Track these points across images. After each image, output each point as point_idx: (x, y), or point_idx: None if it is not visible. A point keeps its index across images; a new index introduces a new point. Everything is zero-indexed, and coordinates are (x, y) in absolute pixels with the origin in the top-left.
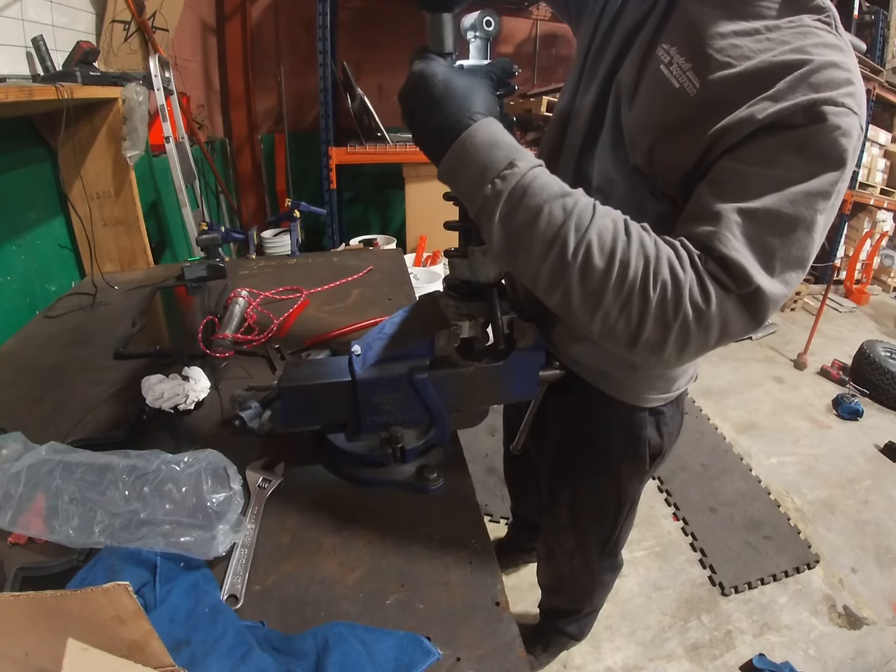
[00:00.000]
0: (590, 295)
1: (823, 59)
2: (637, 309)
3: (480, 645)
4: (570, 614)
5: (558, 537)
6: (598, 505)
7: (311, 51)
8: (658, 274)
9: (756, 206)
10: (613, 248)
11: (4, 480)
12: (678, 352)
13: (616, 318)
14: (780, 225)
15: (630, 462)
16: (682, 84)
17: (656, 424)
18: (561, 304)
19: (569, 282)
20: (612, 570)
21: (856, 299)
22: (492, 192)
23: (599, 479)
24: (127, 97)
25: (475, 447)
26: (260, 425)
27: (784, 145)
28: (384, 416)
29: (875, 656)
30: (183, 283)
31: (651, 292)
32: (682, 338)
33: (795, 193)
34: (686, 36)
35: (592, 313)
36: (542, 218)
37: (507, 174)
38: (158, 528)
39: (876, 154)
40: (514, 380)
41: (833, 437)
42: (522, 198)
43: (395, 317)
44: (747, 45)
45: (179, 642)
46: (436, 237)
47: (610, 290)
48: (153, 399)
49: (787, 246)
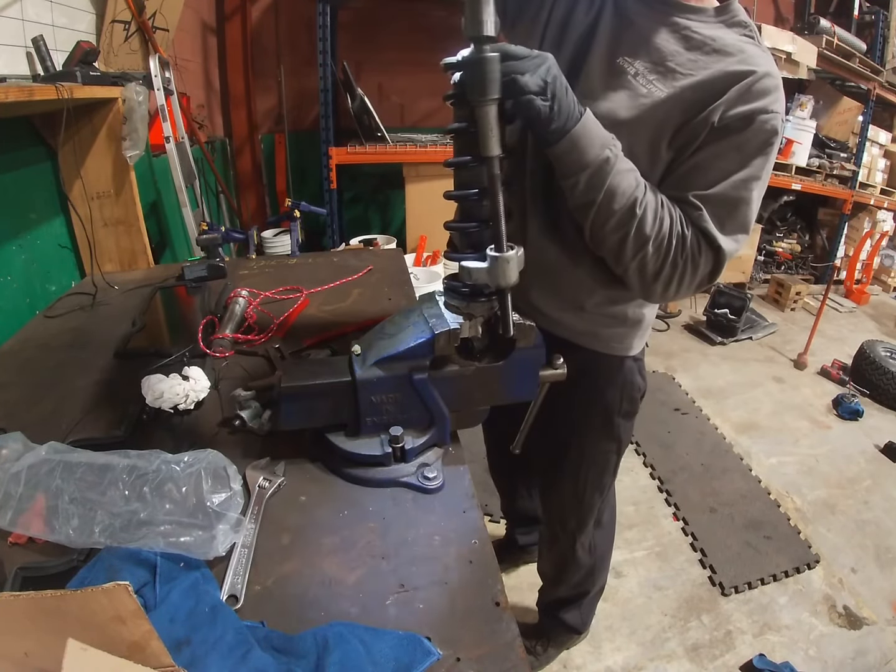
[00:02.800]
0: (641, 239)
1: (762, 70)
2: (664, 251)
3: (480, 645)
4: (574, 601)
5: (562, 516)
6: (599, 463)
7: (311, 51)
8: (678, 229)
9: (711, 193)
10: (656, 206)
11: (4, 480)
12: (677, 287)
13: (651, 257)
14: (728, 204)
15: (626, 410)
16: (649, 90)
17: (639, 370)
18: (616, 244)
19: (630, 227)
20: (608, 536)
21: (856, 299)
22: (611, 154)
23: (600, 436)
24: (127, 97)
25: (475, 447)
26: (260, 425)
27: (729, 146)
28: (384, 416)
29: (875, 656)
30: (183, 283)
31: (675, 241)
32: (681, 276)
33: (736, 181)
34: (648, 53)
35: (637, 252)
36: (630, 178)
37: (614, 144)
38: (158, 528)
39: (876, 154)
40: (514, 380)
41: (833, 437)
42: (618, 161)
43: (395, 317)
44: (701, 59)
45: (179, 642)
46: (436, 237)
47: (653, 237)
48: (153, 399)
49: (734, 217)
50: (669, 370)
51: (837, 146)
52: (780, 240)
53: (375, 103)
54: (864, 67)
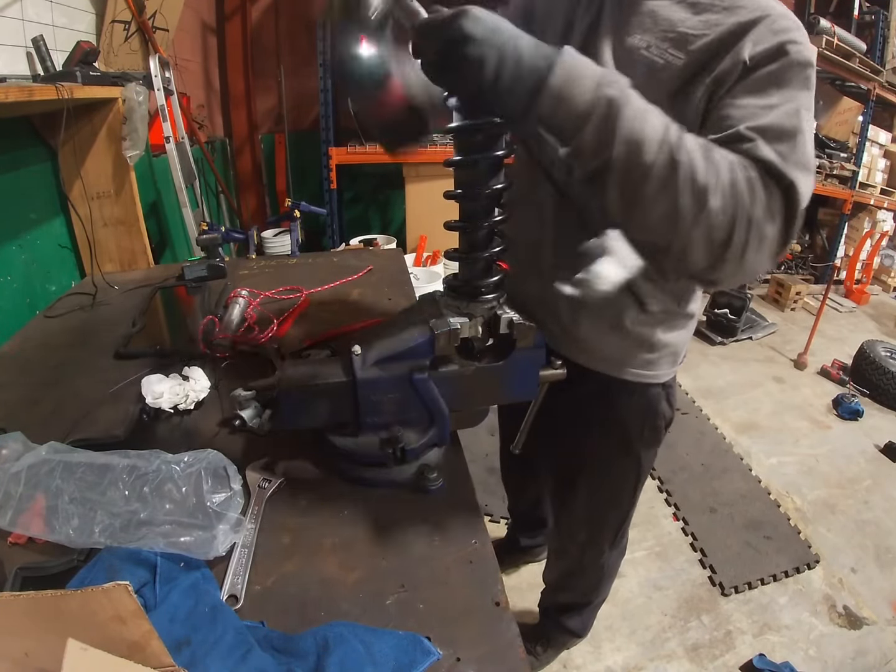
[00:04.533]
0: (697, 193)
1: (777, 12)
2: (731, 202)
3: (480, 645)
4: (576, 608)
5: (571, 530)
6: (616, 488)
7: (311, 51)
8: (740, 171)
9: (764, 124)
10: (703, 148)
11: (4, 480)
12: (756, 250)
13: (717, 214)
14: (783, 134)
15: (648, 439)
16: (666, 60)
17: (667, 397)
18: (664, 214)
19: (676, 181)
20: (620, 555)
21: (856, 299)
22: (616, 92)
23: (619, 463)
24: (127, 97)
25: (475, 447)
26: (260, 425)
27: (768, 81)
28: (384, 416)
29: (875, 656)
30: (183, 283)
31: (741, 185)
32: (759, 234)
33: (787, 110)
34: (656, 25)
35: (697, 213)
36: (652, 119)
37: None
38: (158, 528)
39: (876, 154)
40: (514, 380)
41: (833, 437)
42: (630, 101)
43: (395, 317)
44: (713, 18)
45: (179, 642)
46: (436, 237)
47: (713, 187)
48: (153, 399)
49: (795, 150)
50: None
51: (837, 146)
52: None
53: None
54: (864, 67)
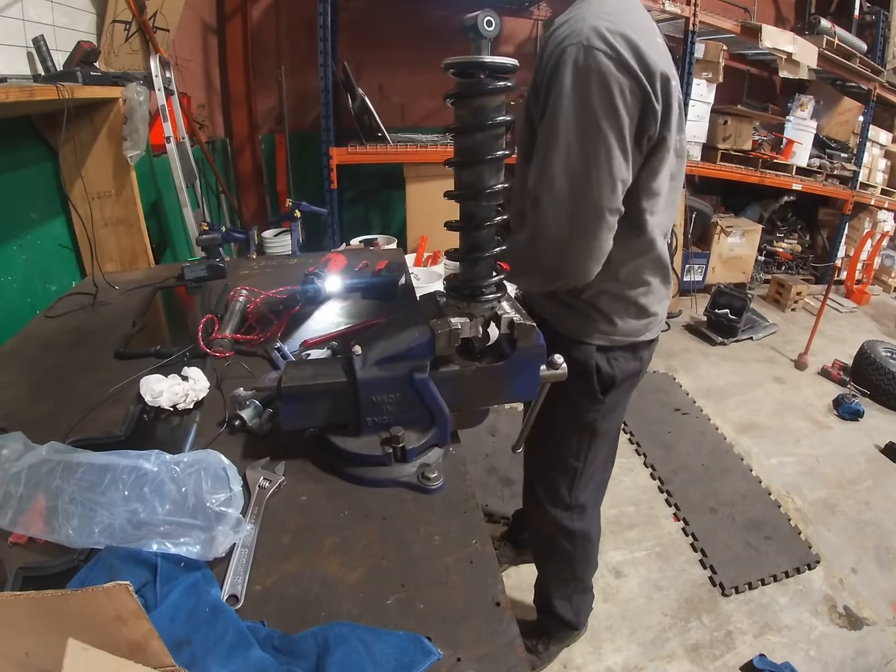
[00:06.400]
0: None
1: (563, 27)
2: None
3: (481, 645)
4: (560, 590)
5: (532, 485)
6: (564, 435)
7: (312, 51)
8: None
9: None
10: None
11: (5, 480)
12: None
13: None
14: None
15: (584, 388)
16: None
17: (606, 359)
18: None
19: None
20: (584, 530)
21: (856, 299)
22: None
23: (564, 410)
24: (128, 97)
25: (475, 447)
26: (260, 425)
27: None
28: (384, 415)
29: (875, 656)
30: (183, 282)
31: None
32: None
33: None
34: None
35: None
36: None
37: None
38: (158, 528)
39: (876, 154)
40: (514, 380)
41: (834, 437)
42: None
43: (396, 317)
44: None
45: (180, 642)
46: (436, 237)
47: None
48: (153, 398)
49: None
50: (670, 370)
51: (838, 146)
52: (780, 240)
53: (376, 103)
54: (865, 67)
